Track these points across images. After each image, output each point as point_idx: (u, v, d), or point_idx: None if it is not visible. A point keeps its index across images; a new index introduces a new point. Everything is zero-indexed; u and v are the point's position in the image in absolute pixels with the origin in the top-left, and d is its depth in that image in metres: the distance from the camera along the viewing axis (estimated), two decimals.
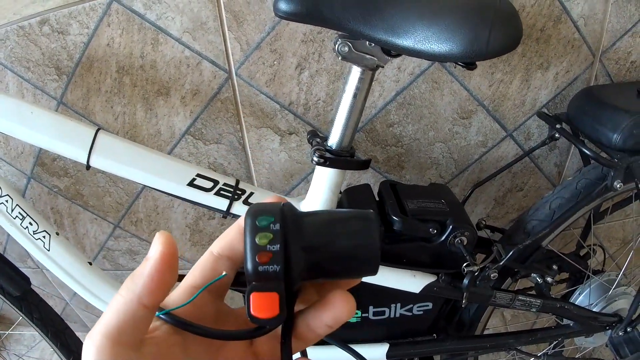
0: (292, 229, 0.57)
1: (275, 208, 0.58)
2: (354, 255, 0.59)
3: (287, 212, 0.58)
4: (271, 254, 0.55)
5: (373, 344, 1.78)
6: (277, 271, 0.55)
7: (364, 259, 0.59)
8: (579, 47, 1.88)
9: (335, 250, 0.58)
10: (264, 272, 0.55)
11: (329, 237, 0.59)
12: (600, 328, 1.96)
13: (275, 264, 0.55)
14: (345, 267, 0.60)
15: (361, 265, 0.60)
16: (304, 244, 0.57)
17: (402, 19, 1.22)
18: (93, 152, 1.41)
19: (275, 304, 0.55)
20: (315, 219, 0.60)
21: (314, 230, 0.59)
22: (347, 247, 0.58)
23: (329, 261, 0.59)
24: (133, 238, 2.37)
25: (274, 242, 0.55)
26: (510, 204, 2.31)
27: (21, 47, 1.79)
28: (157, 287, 0.55)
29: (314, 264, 0.58)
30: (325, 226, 0.59)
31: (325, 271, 0.60)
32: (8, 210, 1.55)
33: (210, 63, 1.81)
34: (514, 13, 1.25)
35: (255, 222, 0.56)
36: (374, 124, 1.96)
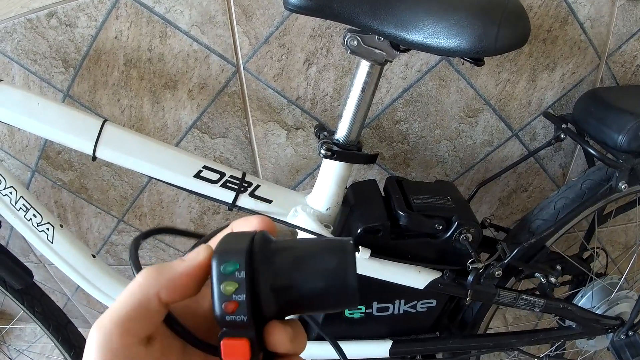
0: (261, 271, 0.55)
1: (242, 249, 0.55)
2: (328, 294, 0.57)
3: (257, 249, 0.56)
4: (237, 303, 0.54)
5: (376, 340, 1.79)
6: (245, 320, 0.54)
7: (340, 296, 0.57)
8: (585, 49, 1.88)
9: (308, 290, 0.57)
10: (231, 321, 0.54)
11: (301, 277, 0.57)
12: (602, 331, 1.96)
13: (242, 314, 0.54)
14: (320, 304, 0.58)
15: (338, 302, 0.58)
16: (274, 285, 0.56)
17: (412, 13, 1.22)
18: (99, 143, 1.42)
19: (246, 350, 0.54)
20: (287, 254, 0.58)
21: (285, 268, 0.57)
22: (321, 286, 0.57)
23: (302, 300, 0.57)
24: (137, 232, 2.37)
25: (240, 292, 0.54)
26: (515, 204, 2.32)
27: (28, 39, 1.79)
28: (181, 288, 0.55)
29: (286, 303, 0.57)
30: (297, 264, 0.57)
31: (299, 309, 0.58)
32: (12, 202, 1.55)
33: (218, 57, 1.81)
34: (522, 11, 1.26)
35: (220, 268, 0.54)
36: (381, 121, 1.97)
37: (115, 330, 0.51)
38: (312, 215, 1.52)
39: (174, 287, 0.54)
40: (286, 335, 0.55)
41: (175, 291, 0.54)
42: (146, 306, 0.53)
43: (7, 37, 1.80)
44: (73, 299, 2.83)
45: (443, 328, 1.87)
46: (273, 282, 0.55)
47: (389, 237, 1.55)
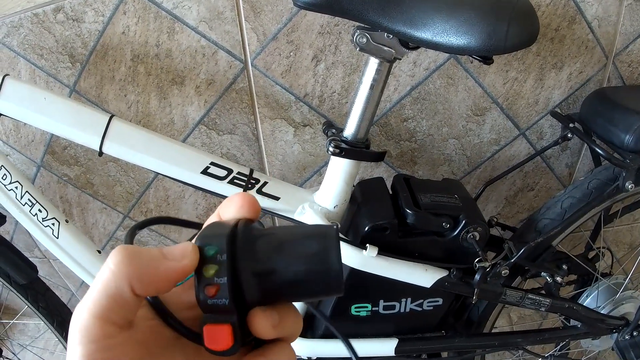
0: (242, 255, 0.55)
1: (223, 233, 0.55)
2: (312, 279, 0.56)
3: (240, 235, 0.56)
4: (218, 286, 0.53)
5: (382, 338, 1.78)
6: (227, 304, 0.53)
7: (323, 282, 0.56)
8: (592, 49, 1.88)
9: (290, 275, 0.55)
10: (213, 305, 0.53)
11: (283, 262, 0.56)
12: (607, 331, 1.96)
13: (223, 298, 0.53)
14: (303, 291, 0.57)
15: (321, 289, 0.57)
16: (255, 270, 0.55)
17: (421, 11, 1.22)
18: (106, 138, 1.42)
19: (228, 336, 0.53)
20: (269, 239, 0.57)
21: (266, 253, 0.56)
22: (303, 271, 0.55)
23: (284, 287, 0.56)
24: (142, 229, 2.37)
25: (221, 275, 0.53)
26: (521, 203, 2.31)
27: (35, 34, 1.79)
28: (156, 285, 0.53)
29: (269, 289, 0.56)
30: (279, 249, 0.56)
31: (282, 296, 0.57)
32: (17, 197, 1.55)
33: (226, 53, 1.81)
34: (531, 9, 1.26)
35: (203, 251, 0.55)
36: (389, 118, 1.97)
37: (92, 320, 0.50)
38: (320, 213, 1.52)
39: (148, 283, 0.52)
40: (267, 321, 0.55)
41: (149, 287, 0.53)
42: (120, 296, 0.51)
43: (14, 31, 1.80)
44: (77, 295, 2.83)
45: (449, 327, 1.87)
46: (254, 266, 0.55)
47: (396, 235, 1.55)
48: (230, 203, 0.62)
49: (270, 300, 0.57)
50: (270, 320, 0.55)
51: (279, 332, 0.56)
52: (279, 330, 0.56)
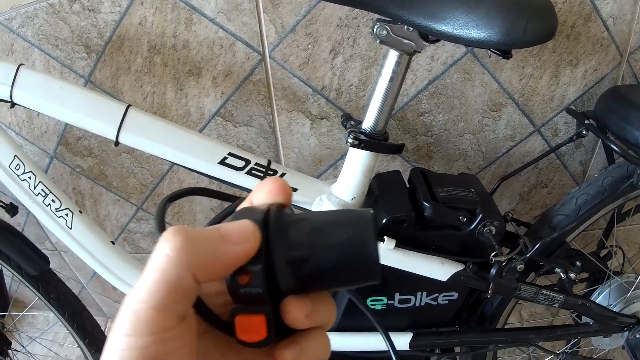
0: (276, 242, 0.52)
1: (257, 218, 0.52)
2: (348, 266, 0.52)
3: (272, 220, 0.53)
4: (252, 274, 0.50)
5: (397, 332, 1.79)
6: (261, 292, 0.50)
7: (359, 269, 0.53)
8: (607, 47, 1.88)
9: (326, 262, 0.52)
10: (246, 294, 0.50)
11: (318, 248, 0.53)
12: (619, 329, 1.96)
13: (257, 286, 0.50)
14: (339, 278, 0.54)
15: (358, 275, 0.53)
16: (290, 257, 0.52)
17: (442, 4, 1.22)
18: (123, 128, 1.42)
19: (262, 327, 0.51)
20: (303, 225, 0.54)
21: (301, 240, 0.53)
22: (340, 257, 0.52)
23: (319, 274, 0.53)
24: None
25: (255, 262, 0.50)
26: (535, 200, 2.32)
27: (50, 24, 1.80)
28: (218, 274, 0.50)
29: (304, 277, 0.53)
30: (314, 234, 0.53)
31: (318, 284, 0.54)
32: (30, 187, 1.55)
33: (244, 44, 1.81)
34: (549, 4, 1.26)
35: None
36: (405, 112, 1.97)
37: (151, 312, 0.46)
38: (337, 205, 1.52)
39: (211, 270, 0.49)
40: (301, 310, 0.52)
41: (212, 274, 0.49)
42: (181, 285, 0.47)
43: (28, 22, 1.80)
44: (88, 287, 2.84)
45: (463, 322, 1.87)
46: (289, 253, 0.52)
47: (413, 228, 1.55)
48: (261, 188, 0.59)
49: (303, 289, 0.54)
50: (305, 309, 0.53)
51: (313, 321, 0.54)
52: (313, 319, 0.54)
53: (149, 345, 0.46)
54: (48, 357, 2.83)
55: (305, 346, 0.54)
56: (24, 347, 2.52)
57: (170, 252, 0.46)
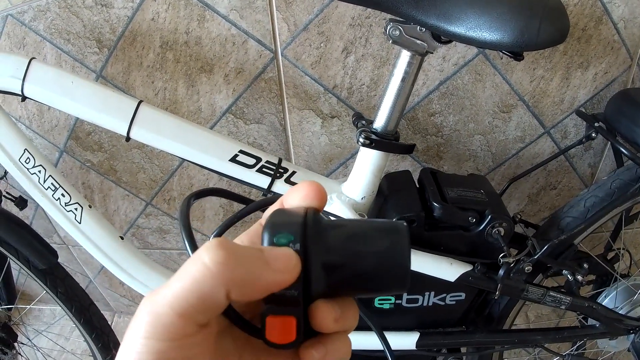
0: (314, 247, 0.52)
1: (296, 222, 0.53)
2: (380, 275, 0.54)
3: (310, 224, 0.53)
4: None
5: (404, 332, 1.79)
6: (295, 296, 0.51)
7: (392, 278, 0.54)
8: (618, 50, 1.88)
9: (361, 269, 0.53)
10: (280, 296, 0.51)
11: (355, 255, 0.53)
12: (625, 331, 1.96)
13: (293, 289, 0.51)
14: (370, 286, 0.55)
15: (388, 285, 0.54)
16: (326, 262, 0.53)
17: (455, 5, 1.22)
18: (134, 124, 1.43)
19: (292, 329, 0.51)
20: (340, 231, 0.55)
21: (338, 246, 0.54)
22: (374, 266, 0.53)
23: (352, 280, 0.54)
24: (164, 216, 2.38)
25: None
26: (544, 202, 2.32)
27: (62, 19, 1.81)
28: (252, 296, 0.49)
29: (336, 282, 0.54)
30: (351, 241, 0.54)
31: (348, 290, 0.55)
32: (40, 181, 1.56)
33: (256, 42, 1.81)
34: (562, 7, 1.26)
35: (273, 239, 0.52)
36: (416, 112, 1.97)
37: (174, 318, 0.46)
38: (347, 204, 1.53)
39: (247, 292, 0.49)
40: (331, 314, 0.52)
41: (246, 295, 0.49)
42: (212, 299, 0.47)
43: (40, 15, 1.81)
44: (95, 282, 2.85)
45: (469, 322, 1.87)
46: (325, 258, 0.53)
47: (422, 228, 1.55)
48: (297, 191, 0.59)
49: (333, 293, 0.54)
50: (334, 314, 0.53)
51: (340, 325, 0.54)
52: (341, 324, 0.54)
53: (167, 351, 0.46)
54: (54, 351, 2.84)
55: (331, 348, 0.54)
56: (30, 340, 2.53)
57: (210, 265, 0.46)
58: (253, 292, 0.49)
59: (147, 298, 0.48)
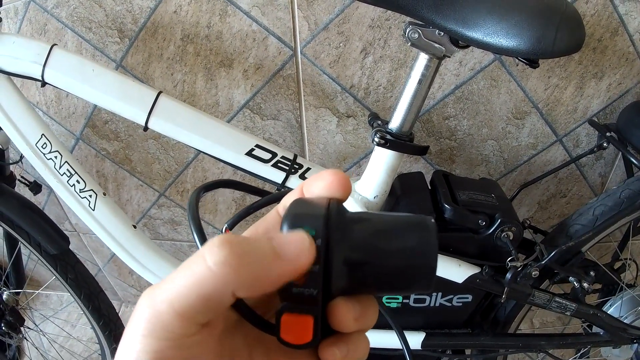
0: (337, 242, 0.49)
1: (319, 214, 0.50)
2: (405, 274, 0.50)
3: (334, 216, 0.50)
4: (309, 274, 0.47)
5: (410, 331, 1.80)
6: (314, 295, 0.48)
7: (417, 277, 0.50)
8: (632, 61, 1.88)
9: (385, 267, 0.50)
10: (298, 294, 0.48)
11: (380, 252, 0.50)
12: (629, 340, 1.97)
13: (312, 287, 0.47)
14: (393, 285, 0.52)
15: (412, 284, 0.51)
16: (349, 258, 0.49)
17: (474, 11, 1.23)
18: (153, 114, 1.45)
19: (309, 329, 0.48)
20: (366, 226, 0.51)
21: (362, 241, 0.50)
22: (399, 264, 0.50)
23: (375, 278, 0.51)
24: (177, 208, 2.39)
25: (314, 262, 0.47)
26: (553, 209, 2.33)
27: (85, 7, 1.82)
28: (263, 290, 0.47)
29: (358, 280, 0.50)
30: (377, 237, 0.51)
31: (370, 288, 0.52)
32: (56, 167, 1.57)
33: (276, 39, 1.83)
34: (578, 16, 1.27)
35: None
36: (431, 115, 1.98)
37: (173, 316, 0.44)
38: (360, 202, 1.54)
39: (256, 288, 0.46)
40: (352, 314, 0.50)
41: (255, 292, 0.46)
42: (215, 300, 0.45)
43: (63, 3, 1.82)
44: (104, 270, 2.86)
45: (475, 325, 1.88)
46: (348, 254, 0.49)
47: None
48: (320, 179, 0.56)
49: (353, 291, 0.51)
50: (354, 312, 0.50)
51: (360, 324, 0.51)
52: (361, 323, 0.51)
53: (165, 350, 0.45)
54: (60, 337, 2.85)
55: (352, 347, 0.52)
56: (37, 326, 2.54)
57: (213, 266, 0.44)
58: (263, 287, 0.46)
59: (148, 291, 0.47)
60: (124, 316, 2.78)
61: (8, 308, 2.20)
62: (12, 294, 2.26)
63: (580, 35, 1.27)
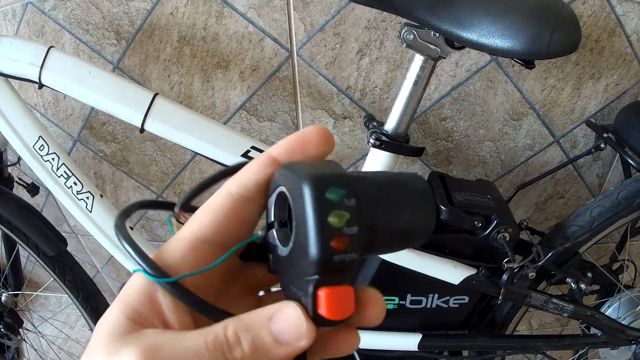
0: (365, 205, 0.45)
1: (341, 174, 0.45)
2: (412, 231, 0.50)
3: (352, 180, 0.46)
4: (349, 238, 0.43)
5: (406, 333, 1.80)
6: (355, 260, 0.44)
7: (419, 232, 0.50)
8: (630, 62, 1.89)
9: (397, 226, 0.49)
10: (340, 261, 0.43)
11: (393, 212, 0.49)
12: (627, 341, 1.97)
13: (353, 251, 0.43)
14: (398, 242, 0.51)
15: (413, 240, 0.51)
16: (370, 222, 0.46)
17: (469, 12, 1.23)
18: (149, 115, 1.45)
19: (350, 301, 0.44)
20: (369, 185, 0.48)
21: (373, 203, 0.47)
22: (410, 222, 0.49)
23: (386, 238, 0.49)
24: None
25: (352, 223, 0.43)
26: (551, 210, 2.33)
27: (82, 9, 1.82)
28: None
29: (371, 242, 0.47)
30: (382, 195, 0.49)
31: (378, 248, 0.50)
32: (53, 169, 1.57)
33: (272, 40, 1.83)
34: (574, 17, 1.27)
35: (324, 194, 0.43)
36: (427, 116, 1.98)
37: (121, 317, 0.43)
38: None
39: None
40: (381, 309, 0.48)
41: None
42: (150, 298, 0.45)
43: (61, 4, 1.82)
44: (102, 272, 2.86)
45: (472, 326, 1.88)
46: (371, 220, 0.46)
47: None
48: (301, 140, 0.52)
49: (367, 252, 0.47)
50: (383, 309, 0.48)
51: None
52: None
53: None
54: (58, 339, 2.85)
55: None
56: (35, 327, 2.54)
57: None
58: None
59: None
60: None
61: (7, 310, 2.20)
62: (11, 295, 2.26)
63: (576, 36, 1.27)
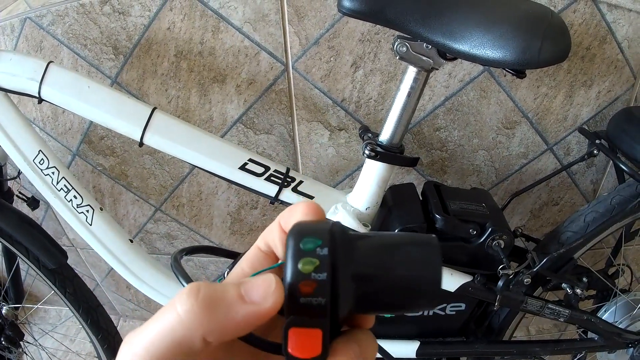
0: (343, 254, 0.48)
1: (324, 228, 0.49)
2: (412, 288, 0.50)
3: (337, 232, 0.49)
4: (316, 283, 0.46)
5: (404, 340, 1.81)
6: (323, 304, 0.46)
7: (423, 292, 0.50)
8: (621, 69, 1.90)
9: (392, 280, 0.50)
10: (306, 304, 0.47)
11: (386, 265, 0.50)
12: (624, 345, 1.97)
13: (320, 296, 0.46)
14: (400, 300, 0.51)
15: (419, 300, 0.51)
16: (355, 272, 0.49)
17: (460, 24, 1.25)
18: (148, 129, 1.47)
19: (317, 343, 0.46)
20: (369, 242, 0.51)
21: (368, 256, 0.50)
22: (406, 277, 0.50)
23: (382, 293, 0.50)
24: (173, 222, 2.41)
25: (321, 270, 0.47)
26: (546, 217, 2.34)
27: (80, 24, 1.84)
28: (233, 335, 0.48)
29: (365, 295, 0.50)
30: (382, 252, 0.51)
31: (377, 305, 0.51)
32: (53, 182, 1.59)
33: (268, 54, 1.85)
34: (564, 26, 1.29)
35: (299, 244, 0.48)
36: (422, 127, 2.00)
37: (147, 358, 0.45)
38: (352, 214, 1.55)
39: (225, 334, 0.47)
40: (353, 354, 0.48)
41: (225, 337, 0.47)
42: (187, 345, 0.46)
43: (59, 20, 1.84)
44: (102, 285, 2.87)
45: (469, 333, 1.89)
46: (354, 269, 0.49)
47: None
48: (294, 211, 0.55)
49: (361, 309, 0.51)
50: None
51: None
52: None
53: None
54: (59, 351, 2.86)
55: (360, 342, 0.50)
56: (36, 340, 2.55)
57: (182, 314, 0.45)
58: (232, 330, 0.47)
59: (128, 337, 0.48)
60: (122, 331, 2.79)
61: (7, 323, 2.21)
62: (12, 308, 2.27)
63: (565, 45, 1.29)
